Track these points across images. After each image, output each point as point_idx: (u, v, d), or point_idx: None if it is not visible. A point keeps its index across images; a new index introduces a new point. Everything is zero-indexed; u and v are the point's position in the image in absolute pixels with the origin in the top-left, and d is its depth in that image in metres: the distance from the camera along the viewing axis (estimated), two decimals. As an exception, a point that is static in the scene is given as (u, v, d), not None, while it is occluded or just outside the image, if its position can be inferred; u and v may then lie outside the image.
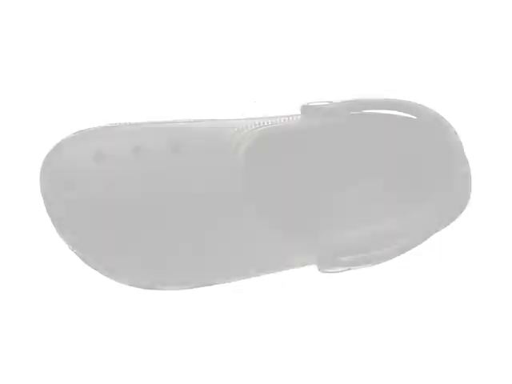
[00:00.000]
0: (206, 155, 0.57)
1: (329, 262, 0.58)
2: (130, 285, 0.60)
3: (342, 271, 0.59)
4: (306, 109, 0.60)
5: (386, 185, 0.63)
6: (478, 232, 0.65)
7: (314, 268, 0.59)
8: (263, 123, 0.59)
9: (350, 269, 0.59)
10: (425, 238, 0.59)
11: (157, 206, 0.57)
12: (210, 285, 0.61)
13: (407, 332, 0.62)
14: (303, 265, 0.60)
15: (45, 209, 0.59)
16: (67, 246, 0.60)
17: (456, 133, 0.60)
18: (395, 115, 0.62)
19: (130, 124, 0.61)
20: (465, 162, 0.60)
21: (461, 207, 0.60)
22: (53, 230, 0.59)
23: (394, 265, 0.62)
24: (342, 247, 0.59)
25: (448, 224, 0.60)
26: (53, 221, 0.59)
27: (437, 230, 0.60)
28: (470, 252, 0.64)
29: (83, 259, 0.60)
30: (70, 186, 0.58)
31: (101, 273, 0.60)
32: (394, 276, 0.63)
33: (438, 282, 0.63)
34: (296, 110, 0.61)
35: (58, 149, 0.60)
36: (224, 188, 0.56)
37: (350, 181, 0.63)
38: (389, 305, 0.62)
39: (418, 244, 0.59)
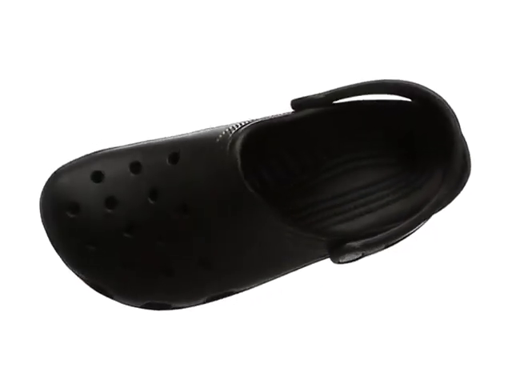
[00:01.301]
0: (204, 158, 0.57)
1: (340, 249, 0.58)
2: (141, 307, 0.60)
3: (355, 259, 0.59)
4: (296, 102, 0.60)
5: (384, 170, 0.64)
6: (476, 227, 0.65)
7: (327, 263, 0.59)
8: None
9: (363, 255, 0.59)
10: (432, 213, 0.59)
11: (163, 218, 0.57)
12: (229, 294, 0.60)
13: (407, 332, 0.62)
14: (316, 258, 0.60)
15: (45, 233, 0.59)
16: (76, 275, 0.59)
17: (450, 109, 0.60)
18: (388, 100, 0.63)
19: (125, 145, 0.61)
20: (462, 139, 0.60)
21: (462, 184, 0.60)
22: (54, 254, 0.59)
23: (393, 266, 0.63)
24: (349, 235, 0.59)
25: (450, 201, 0.60)
26: (56, 242, 0.59)
27: (441, 206, 0.60)
28: (467, 249, 0.65)
29: (92, 284, 0.59)
30: (74, 207, 0.58)
31: (106, 295, 0.59)
32: (393, 277, 0.63)
33: (438, 278, 0.64)
34: (286, 110, 0.62)
35: (56, 176, 0.60)
36: (227, 188, 0.56)
37: (349, 169, 0.64)
38: (388, 305, 0.63)
39: (427, 218, 0.59)
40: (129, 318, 0.61)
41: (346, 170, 0.63)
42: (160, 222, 0.57)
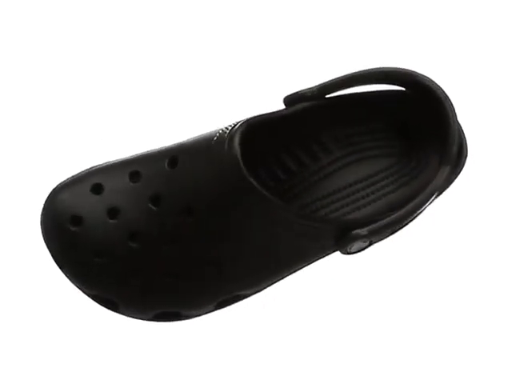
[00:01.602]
0: (203, 159, 0.57)
1: (347, 238, 0.58)
2: (151, 319, 0.59)
3: (363, 248, 0.59)
4: (288, 99, 0.61)
5: (384, 161, 0.64)
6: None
7: (337, 255, 0.60)
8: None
9: (370, 243, 0.59)
10: (432, 195, 0.59)
11: (167, 222, 0.57)
12: (238, 298, 0.60)
13: (407, 331, 0.61)
14: (324, 252, 0.60)
15: (48, 250, 0.59)
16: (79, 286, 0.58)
17: (443, 92, 0.60)
18: (382, 90, 0.63)
19: (122, 158, 0.61)
20: (456, 121, 0.60)
21: (459, 167, 0.61)
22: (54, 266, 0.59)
23: (392, 266, 0.63)
24: (353, 224, 0.59)
25: (449, 185, 0.61)
26: (61, 258, 0.58)
27: (441, 190, 0.60)
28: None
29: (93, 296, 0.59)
30: (76, 220, 0.58)
31: (115, 309, 0.59)
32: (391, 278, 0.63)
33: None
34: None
35: (55, 192, 0.60)
36: (230, 185, 0.55)
37: (348, 162, 0.64)
38: (388, 305, 0.62)
39: (428, 201, 0.59)
40: (137, 334, 0.60)
41: (347, 163, 0.64)
42: (164, 227, 0.56)
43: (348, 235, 0.58)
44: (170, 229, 0.56)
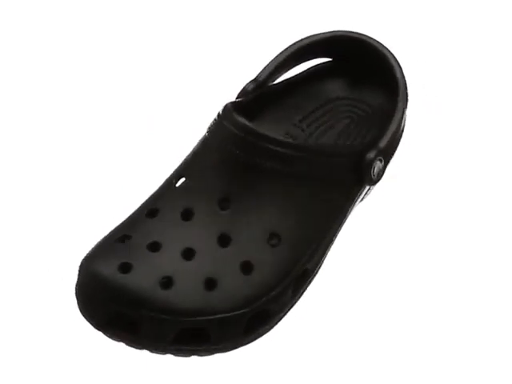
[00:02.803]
0: (213, 150, 0.59)
1: (365, 163, 0.61)
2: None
3: (383, 171, 0.63)
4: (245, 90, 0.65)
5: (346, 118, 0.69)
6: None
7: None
8: None
9: (386, 162, 0.63)
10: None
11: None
12: (309, 275, 0.60)
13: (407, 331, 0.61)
14: (351, 191, 0.62)
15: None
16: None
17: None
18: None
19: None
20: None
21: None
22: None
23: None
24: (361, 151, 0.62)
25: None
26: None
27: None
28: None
29: None
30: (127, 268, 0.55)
31: None
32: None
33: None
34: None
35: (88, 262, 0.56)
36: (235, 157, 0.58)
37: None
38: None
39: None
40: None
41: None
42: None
43: (363, 162, 0.61)
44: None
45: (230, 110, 0.59)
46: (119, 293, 0.53)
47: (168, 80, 0.74)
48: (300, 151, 0.59)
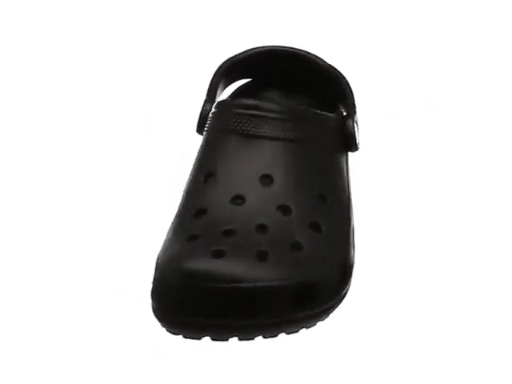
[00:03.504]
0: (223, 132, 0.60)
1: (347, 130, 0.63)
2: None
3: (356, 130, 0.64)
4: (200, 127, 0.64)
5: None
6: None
7: None
8: None
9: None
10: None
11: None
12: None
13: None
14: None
15: None
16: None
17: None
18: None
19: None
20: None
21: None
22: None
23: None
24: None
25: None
26: None
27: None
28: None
29: None
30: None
31: None
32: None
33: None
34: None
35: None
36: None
37: None
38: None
39: None
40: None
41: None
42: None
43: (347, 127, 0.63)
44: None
45: (225, 101, 0.61)
46: (223, 275, 0.53)
47: (168, 80, 0.74)
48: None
